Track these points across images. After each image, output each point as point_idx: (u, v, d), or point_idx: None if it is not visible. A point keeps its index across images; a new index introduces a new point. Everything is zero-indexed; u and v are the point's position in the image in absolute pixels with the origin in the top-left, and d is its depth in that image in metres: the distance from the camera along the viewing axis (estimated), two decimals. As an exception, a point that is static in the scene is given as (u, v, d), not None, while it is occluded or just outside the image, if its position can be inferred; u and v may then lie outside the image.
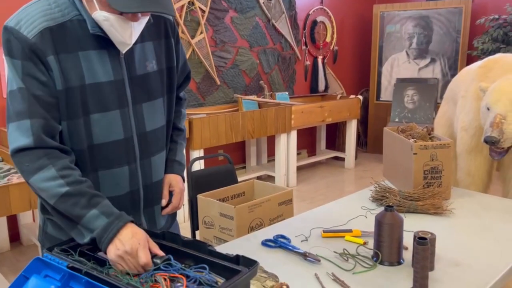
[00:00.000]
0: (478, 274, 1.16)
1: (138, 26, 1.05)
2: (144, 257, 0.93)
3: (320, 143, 5.20)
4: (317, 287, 1.11)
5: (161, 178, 1.25)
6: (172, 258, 0.92)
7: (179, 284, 0.84)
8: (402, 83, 4.95)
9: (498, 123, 1.82)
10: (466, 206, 1.67)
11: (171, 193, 1.28)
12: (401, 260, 1.23)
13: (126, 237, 0.96)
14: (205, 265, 0.90)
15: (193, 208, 2.06)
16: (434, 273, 1.17)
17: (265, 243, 1.37)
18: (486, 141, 1.84)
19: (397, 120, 4.83)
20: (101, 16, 0.99)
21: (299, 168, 4.76)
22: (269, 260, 1.26)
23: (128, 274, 0.90)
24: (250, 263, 0.89)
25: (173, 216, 1.37)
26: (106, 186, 1.13)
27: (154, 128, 1.19)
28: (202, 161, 3.33)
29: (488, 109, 1.93)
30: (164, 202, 1.26)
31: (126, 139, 1.13)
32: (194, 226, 2.07)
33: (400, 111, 4.88)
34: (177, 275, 0.85)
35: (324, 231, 1.43)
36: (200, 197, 2.00)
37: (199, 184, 2.11)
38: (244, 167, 4.44)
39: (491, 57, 2.26)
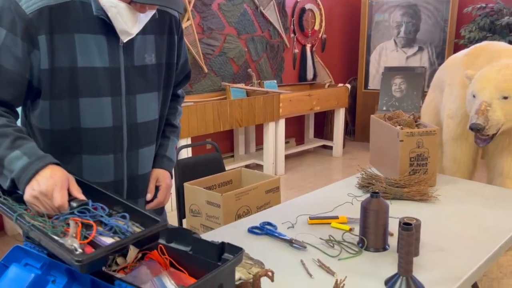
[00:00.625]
0: (462, 259, 1.17)
1: (144, 18, 1.05)
2: (59, 199, 0.89)
3: (308, 131, 5.20)
4: (303, 273, 1.11)
5: (148, 171, 1.24)
6: (90, 203, 0.90)
7: (90, 231, 0.82)
8: (390, 72, 4.97)
9: (483, 110, 1.84)
10: (451, 192, 1.69)
11: (157, 188, 1.27)
12: (387, 246, 1.23)
13: (43, 177, 0.92)
14: (125, 214, 0.88)
15: (179, 197, 2.05)
16: (419, 259, 1.18)
17: (251, 230, 1.36)
18: (471, 128, 1.86)
19: (384, 108, 4.85)
20: (110, 2, 0.99)
21: (287, 157, 4.76)
22: (255, 247, 1.26)
23: (43, 215, 0.88)
24: (236, 250, 0.88)
25: (160, 209, 1.36)
26: (89, 171, 1.12)
27: (145, 120, 1.18)
28: (189, 150, 3.31)
29: (474, 96, 1.94)
30: (149, 196, 1.25)
31: (114, 128, 1.12)
32: (181, 214, 2.06)
33: (387, 100, 4.90)
34: (89, 221, 0.83)
35: (310, 218, 1.43)
36: (186, 185, 1.99)
37: (186, 172, 2.09)
38: (233, 156, 4.42)
39: (477, 45, 2.27)
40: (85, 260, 0.71)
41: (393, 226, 1.38)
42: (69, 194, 0.93)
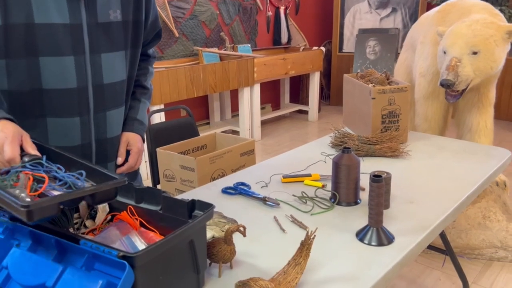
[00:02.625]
0: (430, 209, 1.20)
1: None
2: (9, 152, 0.88)
3: (284, 96, 5.18)
4: (276, 229, 1.12)
5: (117, 135, 1.20)
6: (44, 158, 0.87)
7: (41, 184, 0.80)
8: (364, 34, 4.94)
9: (453, 66, 1.85)
10: (422, 148, 1.72)
11: (128, 152, 1.24)
12: (358, 200, 1.25)
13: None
14: (82, 171, 0.86)
15: (153, 162, 2.02)
16: (390, 211, 1.20)
17: (225, 191, 1.36)
18: (442, 84, 1.87)
19: (359, 71, 4.85)
20: None
21: (264, 122, 4.75)
22: (229, 206, 1.26)
23: None
24: (206, 207, 0.87)
25: (133, 174, 1.33)
26: (54, 135, 1.08)
27: (112, 81, 1.13)
28: (163, 117, 3.25)
29: (445, 52, 1.95)
30: (120, 160, 1.22)
31: (79, 89, 1.07)
32: (155, 180, 2.04)
33: (362, 63, 4.90)
34: (41, 174, 0.81)
35: (283, 177, 1.43)
36: (159, 150, 1.96)
37: (159, 138, 2.05)
38: (208, 123, 4.38)
39: (448, 2, 2.26)
40: (32, 206, 0.67)
41: (365, 182, 1.40)
42: (22, 150, 0.89)
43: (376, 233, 1.03)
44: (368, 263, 0.96)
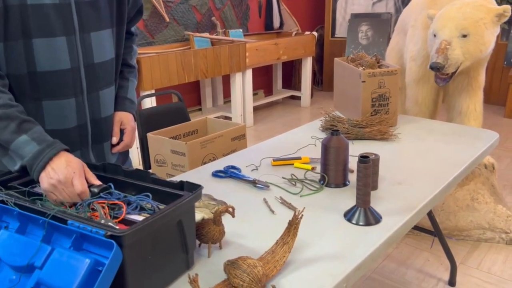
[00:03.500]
0: (418, 190, 1.22)
1: None
2: (80, 186, 0.90)
3: (276, 82, 5.17)
4: (265, 211, 1.13)
5: (110, 114, 1.21)
6: (112, 186, 0.89)
7: (119, 211, 0.81)
8: (356, 19, 4.92)
9: (443, 49, 1.85)
10: (411, 131, 1.73)
11: (122, 131, 1.25)
12: (347, 182, 1.27)
13: (59, 165, 0.92)
14: (148, 193, 0.88)
15: (144, 148, 2.01)
16: (378, 192, 1.22)
17: (215, 174, 1.36)
18: (431, 67, 1.88)
19: (350, 55, 4.84)
20: None
21: (256, 109, 4.74)
22: (219, 189, 1.27)
23: (62, 204, 0.87)
24: (194, 188, 0.87)
25: (125, 154, 1.34)
26: (51, 118, 1.08)
27: (102, 60, 1.13)
28: (154, 102, 3.23)
29: (435, 35, 1.95)
30: (114, 140, 1.23)
31: (72, 69, 1.07)
32: (146, 166, 2.04)
33: (354, 47, 4.89)
34: (116, 201, 0.82)
35: (274, 160, 1.44)
36: (150, 135, 1.95)
37: (149, 123, 2.05)
38: (200, 109, 4.36)
39: (439, -15, 2.25)
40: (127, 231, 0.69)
41: (354, 165, 1.41)
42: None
43: (363, 213, 1.05)
44: (355, 242, 0.97)
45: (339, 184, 1.25)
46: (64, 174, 0.90)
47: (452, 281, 1.94)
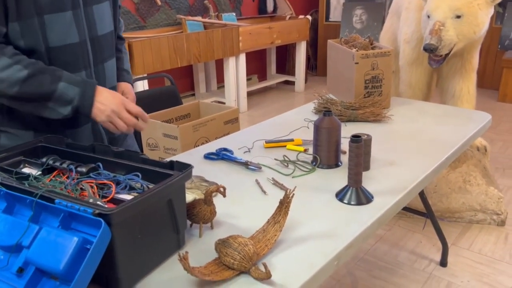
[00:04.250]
0: (410, 171, 1.22)
1: None
2: (134, 108, 1.05)
3: (270, 67, 5.13)
4: (258, 192, 1.12)
5: (114, 85, 1.25)
6: (101, 166, 0.88)
7: (108, 191, 0.80)
8: (351, 3, 4.87)
9: (437, 30, 1.84)
10: (404, 113, 1.73)
11: None
12: (339, 163, 1.26)
13: (106, 98, 1.05)
14: (138, 173, 0.87)
15: (136, 131, 1.99)
16: (369, 172, 1.22)
17: (207, 156, 1.36)
18: (425, 49, 1.87)
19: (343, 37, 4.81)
20: None
21: (250, 94, 4.72)
22: (211, 171, 1.26)
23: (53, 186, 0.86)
24: (184, 167, 0.86)
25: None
26: None
27: (104, 32, 1.17)
28: (146, 87, 3.20)
29: (428, 17, 1.93)
30: None
31: (80, 43, 1.10)
32: (139, 149, 2.02)
33: (349, 32, 4.85)
34: (105, 181, 0.81)
35: (266, 142, 1.43)
36: (142, 119, 1.93)
37: (141, 106, 2.00)
38: (193, 94, 4.34)
39: (434, -35, 2.22)
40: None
41: (347, 146, 1.41)
42: (76, 163, 0.89)
43: (355, 192, 1.05)
44: (347, 221, 0.97)
45: (331, 165, 1.24)
46: (115, 103, 1.04)
47: (443, 262, 1.96)
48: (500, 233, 2.19)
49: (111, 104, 1.04)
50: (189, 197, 0.96)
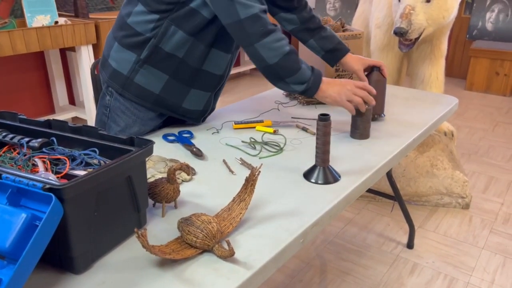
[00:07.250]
0: (378, 151, 1.22)
1: None
2: (359, 83, 1.24)
3: (243, 53, 5.08)
4: (225, 171, 1.10)
5: None
6: (55, 140, 0.83)
7: (62, 167, 0.76)
8: (325, -11, 4.86)
9: (407, 14, 1.84)
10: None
11: None
12: (382, 115, 1.31)
13: (331, 81, 1.25)
14: (95, 149, 0.83)
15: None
16: (338, 152, 1.21)
17: (165, 138, 1.30)
18: (395, 32, 1.87)
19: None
20: None
21: (223, 79, 4.65)
22: (171, 152, 1.22)
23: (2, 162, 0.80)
24: (145, 143, 0.83)
25: None
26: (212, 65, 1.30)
27: None
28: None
29: (399, 0, 1.94)
30: None
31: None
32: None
33: (322, 19, 4.85)
34: (59, 156, 0.77)
35: (235, 123, 1.40)
36: (108, 100, 1.86)
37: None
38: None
39: (406, -50, 2.23)
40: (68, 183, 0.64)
41: (316, 125, 1.39)
42: (27, 137, 0.83)
43: (322, 172, 1.04)
44: (313, 199, 0.96)
45: (380, 113, 1.23)
46: (339, 81, 1.24)
47: (410, 244, 2.01)
48: (465, 215, 2.26)
49: (337, 81, 1.24)
50: (150, 174, 0.93)
